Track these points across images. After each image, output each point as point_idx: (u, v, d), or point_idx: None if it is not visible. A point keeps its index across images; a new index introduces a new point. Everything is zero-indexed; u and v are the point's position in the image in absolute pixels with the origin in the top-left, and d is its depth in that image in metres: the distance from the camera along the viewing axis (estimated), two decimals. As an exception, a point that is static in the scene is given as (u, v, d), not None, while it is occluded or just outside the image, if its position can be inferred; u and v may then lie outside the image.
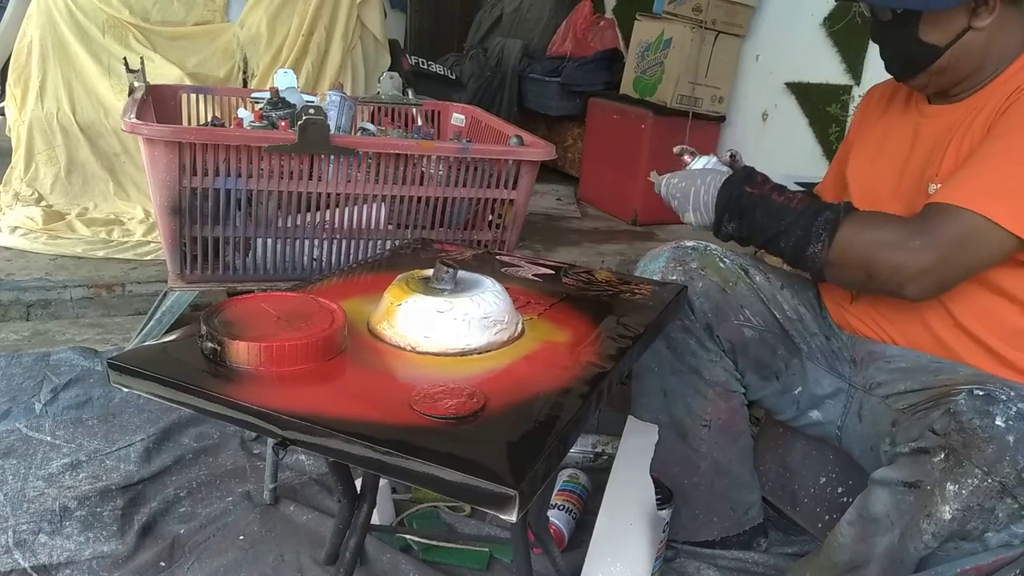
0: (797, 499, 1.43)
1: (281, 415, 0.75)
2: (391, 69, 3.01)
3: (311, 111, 1.41)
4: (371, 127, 1.84)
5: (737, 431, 1.33)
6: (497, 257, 1.34)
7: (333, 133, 1.45)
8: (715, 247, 1.30)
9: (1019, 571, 0.96)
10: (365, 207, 1.54)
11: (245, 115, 1.78)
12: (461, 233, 1.64)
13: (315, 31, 2.88)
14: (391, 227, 1.58)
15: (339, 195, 1.51)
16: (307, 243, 1.54)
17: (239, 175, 1.42)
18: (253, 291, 1.22)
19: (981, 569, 0.97)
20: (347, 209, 1.53)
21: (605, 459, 1.58)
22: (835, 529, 1.08)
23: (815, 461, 1.41)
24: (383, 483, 1.34)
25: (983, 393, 0.95)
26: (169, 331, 1.59)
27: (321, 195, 1.49)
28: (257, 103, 1.82)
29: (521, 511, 0.66)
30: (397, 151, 1.49)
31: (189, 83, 2.52)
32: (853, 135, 1.42)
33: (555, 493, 1.43)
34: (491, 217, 1.65)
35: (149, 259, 2.46)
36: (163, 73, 2.63)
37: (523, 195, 1.61)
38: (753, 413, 1.40)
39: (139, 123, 1.36)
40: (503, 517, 0.66)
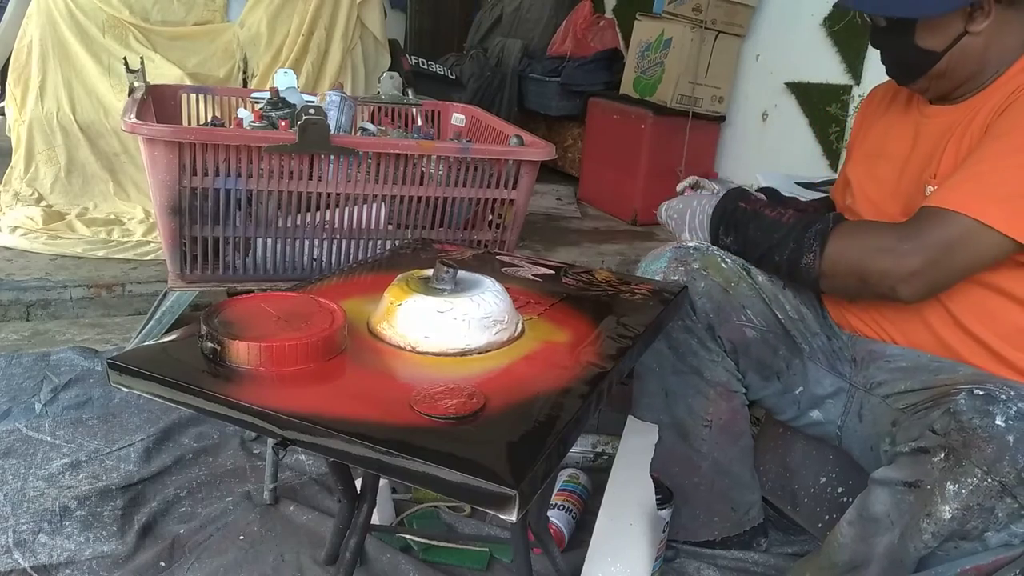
0: (797, 499, 1.43)
1: (281, 415, 0.75)
2: (391, 69, 3.01)
3: (311, 111, 1.41)
4: (371, 127, 1.84)
5: (738, 431, 1.33)
6: (497, 257, 1.34)
7: (333, 133, 1.45)
8: (716, 248, 1.30)
9: (1019, 571, 0.96)
10: (365, 207, 1.54)
11: (245, 115, 1.77)
12: (461, 233, 1.64)
13: (315, 31, 2.88)
14: (391, 227, 1.58)
15: (339, 195, 1.51)
16: (307, 243, 1.54)
17: (239, 175, 1.41)
18: (253, 291, 1.21)
19: (981, 569, 0.97)
20: (347, 209, 1.53)
21: (605, 459, 1.58)
22: (835, 529, 1.08)
23: (815, 461, 1.41)
24: (383, 483, 1.33)
25: (983, 393, 0.95)
26: (169, 331, 1.59)
27: (321, 195, 1.49)
28: (257, 103, 1.82)
29: (521, 511, 0.66)
30: (397, 151, 1.49)
31: (189, 83, 2.52)
32: (855, 135, 1.42)
33: (555, 493, 1.43)
34: (491, 217, 1.65)
35: (149, 259, 2.46)
36: (163, 73, 2.63)
37: (523, 195, 1.61)
38: (753, 413, 1.40)
39: (139, 123, 1.36)
40: (503, 517, 0.66)
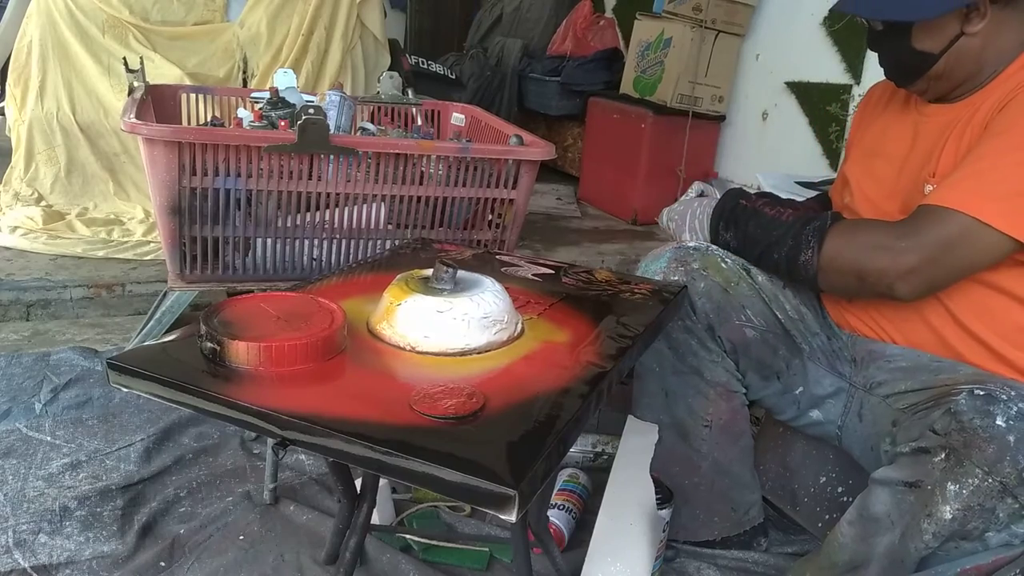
0: (797, 499, 1.43)
1: (281, 415, 0.75)
2: (391, 69, 3.00)
3: (311, 111, 1.41)
4: (371, 127, 1.84)
5: (738, 431, 1.33)
6: (497, 257, 1.34)
7: (333, 133, 1.45)
8: (716, 248, 1.31)
9: (1019, 571, 0.96)
10: (365, 207, 1.54)
11: (245, 115, 1.77)
12: (461, 233, 1.63)
13: (315, 31, 2.87)
14: (391, 227, 1.58)
15: (339, 195, 1.51)
16: (307, 243, 1.54)
17: (239, 175, 1.41)
18: (253, 291, 1.21)
19: (981, 569, 0.97)
20: (347, 209, 1.53)
21: (605, 459, 1.58)
22: (835, 529, 1.08)
23: (815, 461, 1.41)
24: (383, 483, 1.33)
25: (984, 393, 0.95)
26: (169, 331, 1.59)
27: (321, 195, 1.49)
28: (257, 103, 1.82)
29: (521, 511, 0.66)
30: (397, 151, 1.49)
31: (189, 83, 2.51)
32: (853, 134, 1.42)
33: (555, 493, 1.43)
34: (491, 217, 1.65)
35: (149, 259, 2.46)
36: (163, 73, 2.62)
37: (523, 195, 1.61)
38: (753, 413, 1.40)
39: (139, 123, 1.36)
40: (503, 517, 0.66)
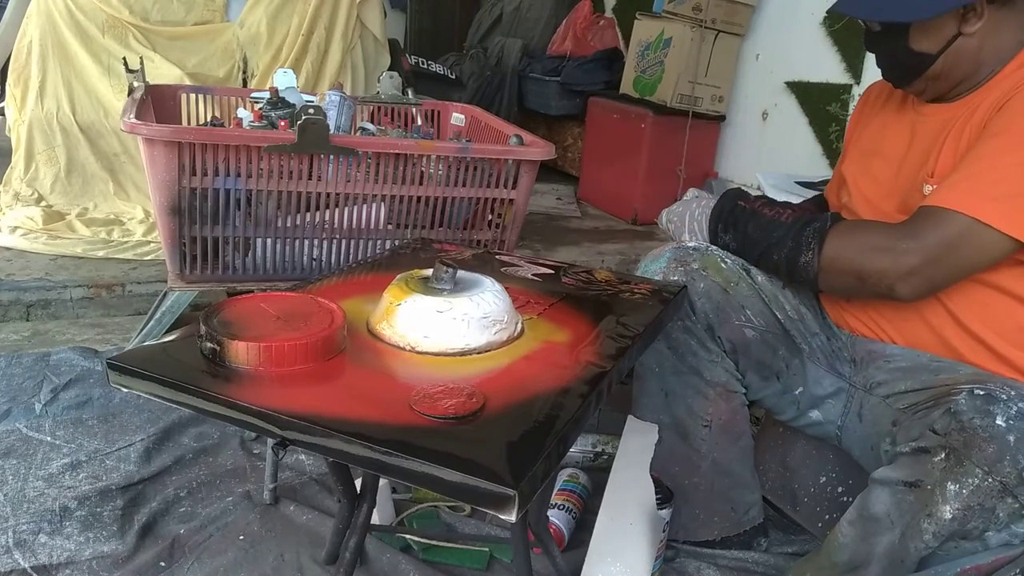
0: (797, 499, 1.43)
1: (281, 415, 0.75)
2: (391, 69, 3.00)
3: (311, 111, 1.41)
4: (371, 127, 1.84)
5: (738, 431, 1.33)
6: (497, 257, 1.34)
7: (333, 133, 1.45)
8: (716, 248, 1.31)
9: (1019, 570, 0.96)
10: (365, 207, 1.54)
11: (245, 115, 1.77)
12: (461, 233, 1.63)
13: (315, 31, 2.87)
14: (391, 227, 1.58)
15: (339, 195, 1.51)
16: (307, 243, 1.54)
17: (239, 175, 1.41)
18: (253, 291, 1.21)
19: (981, 568, 0.97)
20: (347, 209, 1.53)
21: (605, 459, 1.58)
22: (835, 528, 1.08)
23: (815, 461, 1.41)
24: (383, 483, 1.33)
25: (984, 392, 0.95)
26: (169, 331, 1.59)
27: (321, 195, 1.49)
28: (257, 103, 1.82)
29: (521, 511, 0.66)
30: (397, 151, 1.49)
31: (189, 83, 2.51)
32: (851, 134, 1.42)
33: (555, 493, 1.43)
34: (491, 217, 1.65)
35: (149, 259, 2.46)
36: (163, 73, 2.63)
37: (523, 195, 1.61)
38: (753, 413, 1.40)
39: (138, 123, 1.36)
40: (503, 517, 0.66)
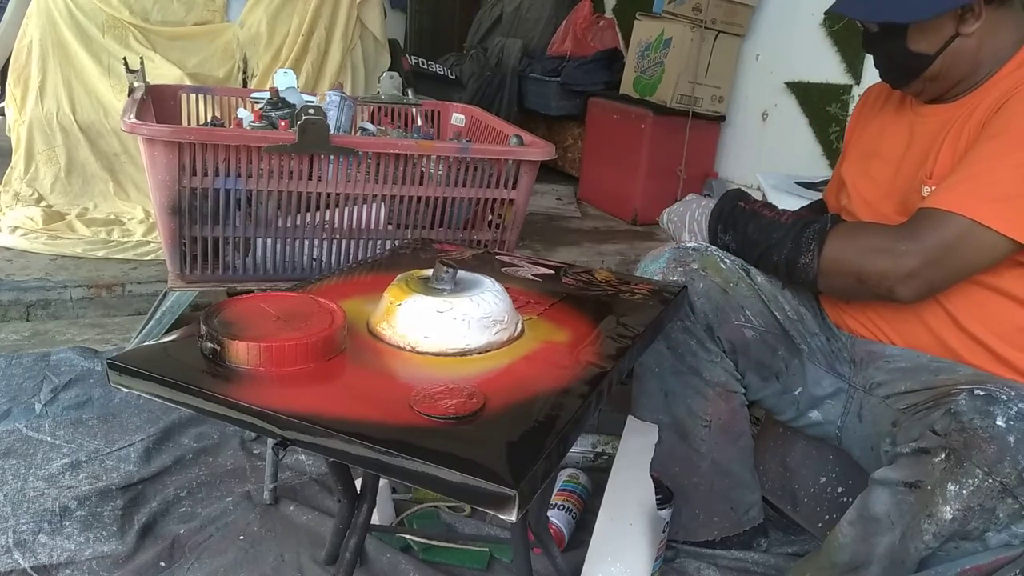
0: (797, 499, 1.43)
1: (281, 415, 0.75)
2: (391, 69, 3.01)
3: (311, 111, 1.41)
4: (371, 127, 1.84)
5: (737, 431, 1.33)
6: (497, 257, 1.34)
7: (333, 133, 1.45)
8: (716, 248, 1.31)
9: (1019, 571, 0.96)
10: (365, 207, 1.54)
11: (245, 115, 1.77)
12: (461, 233, 1.63)
13: (315, 31, 2.88)
14: (391, 227, 1.58)
15: (339, 195, 1.51)
16: (307, 243, 1.54)
17: (239, 175, 1.41)
18: (253, 291, 1.21)
19: (981, 569, 0.97)
20: (347, 209, 1.53)
21: (605, 459, 1.58)
22: (835, 529, 1.08)
23: (815, 461, 1.41)
24: (383, 483, 1.33)
25: (984, 393, 0.95)
26: (169, 331, 1.59)
27: (321, 195, 1.49)
28: (257, 103, 1.82)
29: (521, 511, 0.66)
30: (397, 151, 1.49)
31: (189, 83, 2.52)
32: (850, 136, 1.42)
33: (555, 493, 1.43)
34: (491, 217, 1.65)
35: (149, 259, 2.46)
36: (163, 73, 2.63)
37: (523, 195, 1.61)
38: (753, 413, 1.40)
39: (139, 123, 1.36)
40: (503, 517, 0.66)
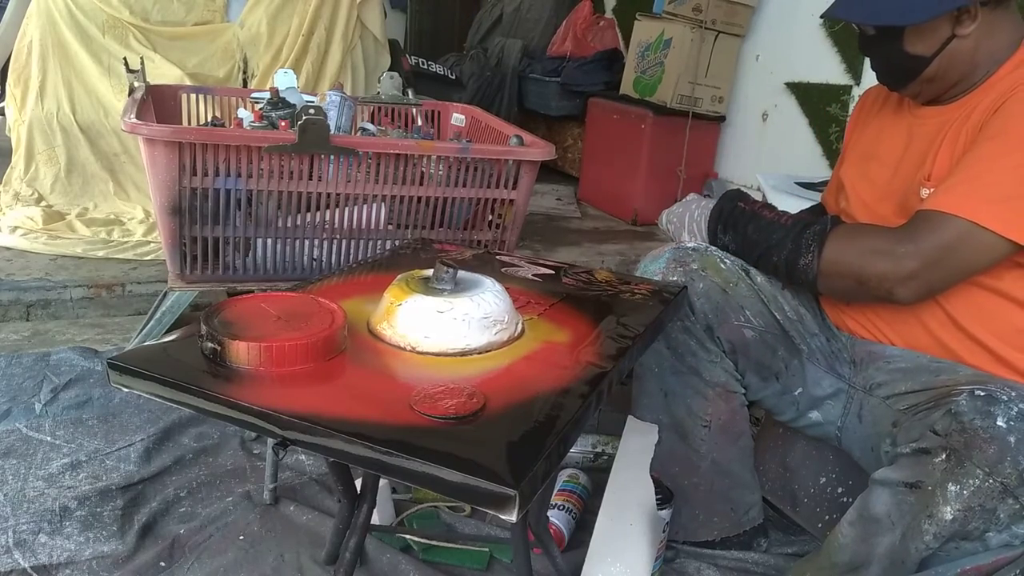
0: (797, 499, 1.43)
1: (281, 415, 0.75)
2: (391, 69, 3.01)
3: (311, 111, 1.41)
4: (371, 127, 1.84)
5: (737, 431, 1.33)
6: (497, 257, 1.34)
7: (333, 133, 1.45)
8: (715, 249, 1.31)
9: (1019, 571, 0.96)
10: (365, 207, 1.54)
11: (245, 115, 1.77)
12: (461, 233, 1.63)
13: (315, 31, 2.88)
14: (391, 227, 1.58)
15: (339, 195, 1.51)
16: (307, 243, 1.54)
17: (239, 175, 1.41)
18: (253, 291, 1.21)
19: (981, 569, 0.97)
20: (347, 209, 1.53)
21: (605, 459, 1.58)
22: (836, 529, 1.08)
23: (815, 461, 1.41)
24: (383, 483, 1.33)
25: (984, 393, 0.95)
26: (169, 331, 1.59)
27: (321, 195, 1.49)
28: (257, 103, 1.82)
29: (521, 511, 0.66)
30: (397, 151, 1.49)
31: (189, 83, 2.52)
32: (848, 138, 1.43)
33: (555, 493, 1.43)
34: (491, 217, 1.65)
35: (149, 259, 2.46)
36: (163, 73, 2.63)
37: (523, 195, 1.61)
38: (753, 413, 1.40)
39: (139, 123, 1.36)
40: (503, 517, 0.66)
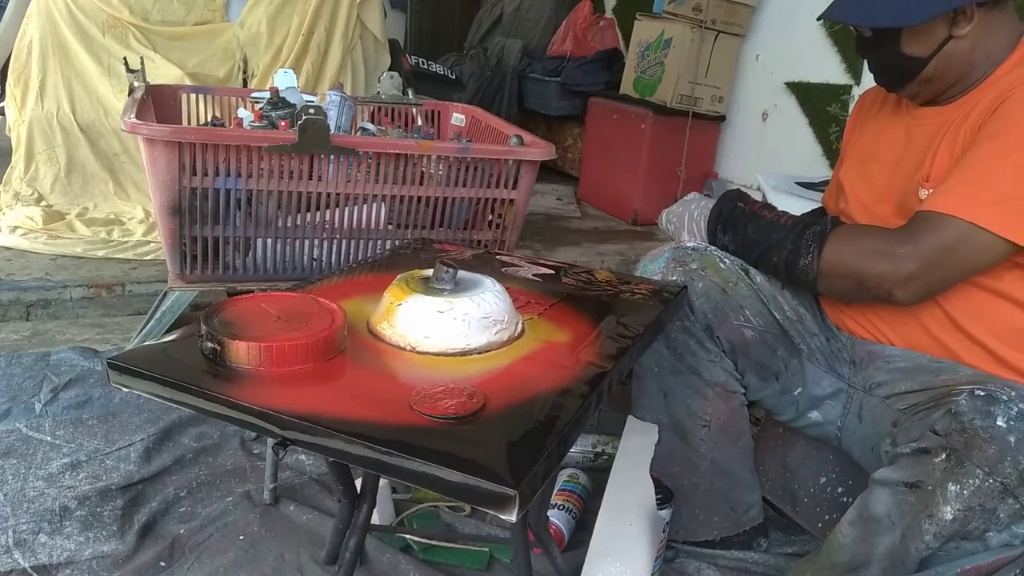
0: (797, 499, 1.43)
1: (281, 415, 0.75)
2: (391, 69, 3.01)
3: (311, 111, 1.41)
4: (371, 127, 1.84)
5: (737, 431, 1.33)
6: (497, 257, 1.34)
7: (333, 133, 1.45)
8: (715, 248, 1.31)
9: (1019, 571, 0.96)
10: (365, 207, 1.54)
11: (245, 115, 1.77)
12: (461, 233, 1.63)
13: (315, 31, 2.88)
14: (391, 227, 1.58)
15: (339, 195, 1.51)
16: (307, 243, 1.54)
17: (239, 175, 1.41)
18: (253, 291, 1.21)
19: (981, 569, 0.97)
20: (347, 209, 1.53)
21: (605, 459, 1.58)
22: (836, 529, 1.08)
23: (815, 461, 1.41)
24: (383, 483, 1.33)
25: (984, 393, 0.95)
26: (169, 331, 1.59)
27: (321, 195, 1.49)
28: (257, 103, 1.82)
29: (521, 511, 0.66)
30: (397, 151, 1.49)
31: (189, 83, 2.52)
32: (847, 140, 1.43)
33: (555, 493, 1.43)
34: (491, 217, 1.65)
35: (149, 259, 2.46)
36: (163, 73, 2.63)
37: (523, 195, 1.61)
38: (753, 413, 1.40)
39: (139, 123, 1.36)
40: (503, 517, 0.66)
